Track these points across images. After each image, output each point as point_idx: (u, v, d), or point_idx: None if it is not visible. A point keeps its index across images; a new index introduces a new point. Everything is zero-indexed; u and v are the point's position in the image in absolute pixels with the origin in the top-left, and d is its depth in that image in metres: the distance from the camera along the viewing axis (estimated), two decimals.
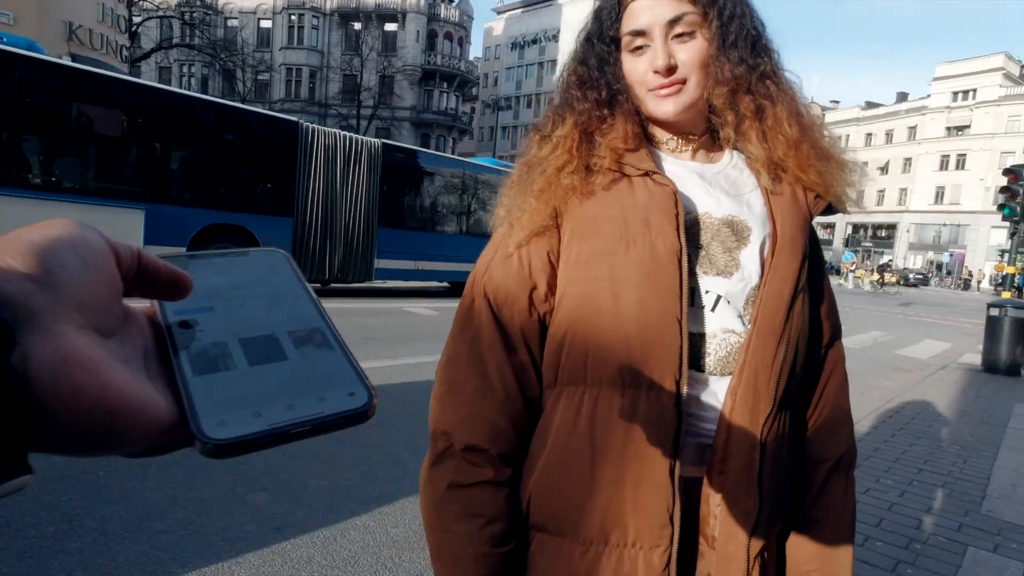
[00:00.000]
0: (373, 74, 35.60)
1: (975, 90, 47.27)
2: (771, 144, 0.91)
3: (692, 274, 0.88)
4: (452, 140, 38.90)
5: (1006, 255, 10.59)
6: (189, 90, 35.86)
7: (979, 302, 17.03)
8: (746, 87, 0.89)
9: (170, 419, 0.27)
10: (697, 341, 0.88)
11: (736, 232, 0.90)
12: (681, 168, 0.94)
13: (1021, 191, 9.32)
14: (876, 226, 52.99)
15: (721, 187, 0.93)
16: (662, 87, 0.89)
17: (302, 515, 2.90)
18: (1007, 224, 10.10)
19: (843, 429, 1.02)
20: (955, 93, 48.54)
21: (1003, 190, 9.58)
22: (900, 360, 9.16)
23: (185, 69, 36.26)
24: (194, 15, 32.42)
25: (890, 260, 44.67)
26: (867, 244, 52.13)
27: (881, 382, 7.22)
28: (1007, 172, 9.73)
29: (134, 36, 23.09)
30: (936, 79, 49.88)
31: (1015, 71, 48.00)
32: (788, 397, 0.91)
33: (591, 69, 0.94)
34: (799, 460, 0.98)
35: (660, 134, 0.97)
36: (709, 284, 0.89)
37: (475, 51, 58.40)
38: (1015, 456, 4.72)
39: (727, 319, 0.89)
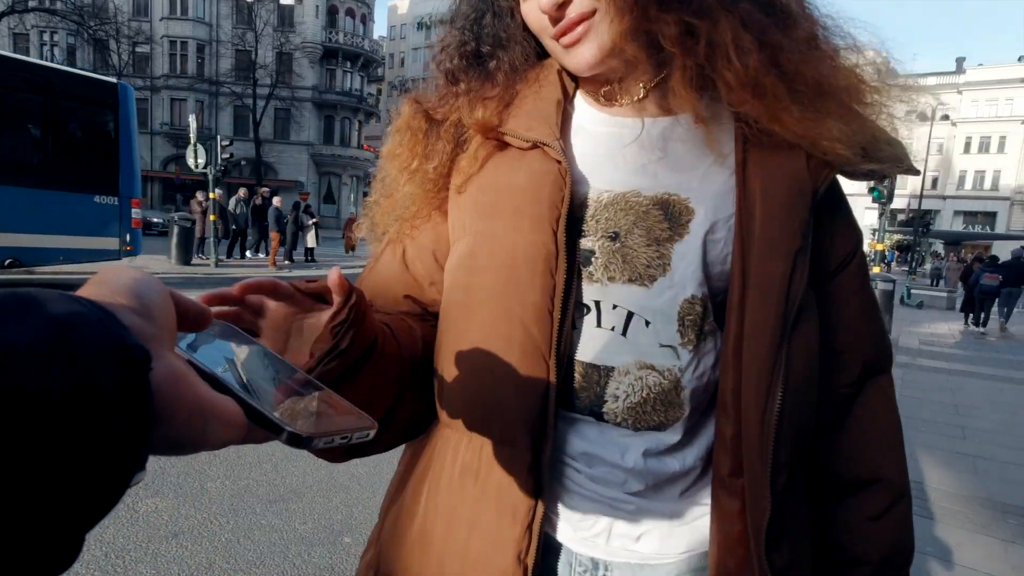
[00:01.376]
0: (269, 51, 33.47)
1: None
2: (723, 86, 0.61)
3: (587, 281, 0.64)
4: (358, 122, 37.56)
5: (876, 233, 11.75)
6: (52, 61, 32.11)
7: None
8: (658, 2, 0.58)
9: (244, 421, 0.33)
10: (599, 378, 0.64)
11: (671, 216, 0.63)
12: (610, 128, 0.68)
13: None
14: None
15: (668, 152, 0.65)
16: (562, 33, 0.63)
17: (200, 519, 2.73)
18: (877, 206, 11.15)
19: (893, 516, 0.69)
20: None
21: None
22: None
23: (46, 37, 32.45)
24: None
25: None
26: None
27: None
28: None
29: None
30: None
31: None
32: (795, 482, 0.64)
33: (459, 30, 0.72)
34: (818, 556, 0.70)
35: (591, 83, 0.70)
36: (618, 295, 0.63)
37: (379, 30, 56.63)
38: None
39: (644, 348, 0.63)
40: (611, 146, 0.67)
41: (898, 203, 37.65)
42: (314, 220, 15.20)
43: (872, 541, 0.69)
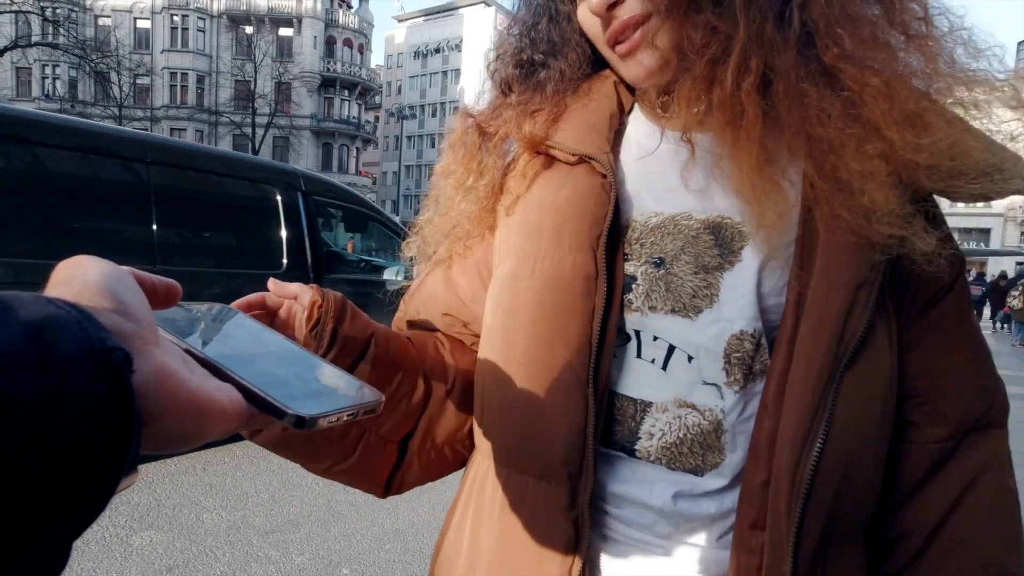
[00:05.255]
0: (268, 81, 33.93)
1: None
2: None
3: (626, 309, 0.59)
4: (356, 149, 37.91)
5: None
6: (54, 93, 32.27)
7: None
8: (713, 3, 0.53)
9: (245, 408, 0.32)
10: (635, 412, 0.59)
11: (722, 242, 0.57)
12: (670, 143, 0.62)
13: None
14: None
15: (726, 170, 0.57)
16: (615, 38, 0.59)
17: (195, 552, 2.68)
18: None
19: None
20: None
21: None
22: None
23: (48, 70, 32.89)
24: (56, 11, 29.50)
25: None
26: None
27: None
28: None
29: None
30: None
31: None
32: (833, 547, 0.55)
33: (518, 37, 0.70)
34: None
35: (649, 93, 0.65)
36: (660, 326, 0.58)
37: (376, 59, 57.47)
38: None
39: (686, 385, 0.58)
40: (667, 163, 0.61)
41: None
42: None
43: None
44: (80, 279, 0.29)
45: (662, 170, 0.62)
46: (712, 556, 0.58)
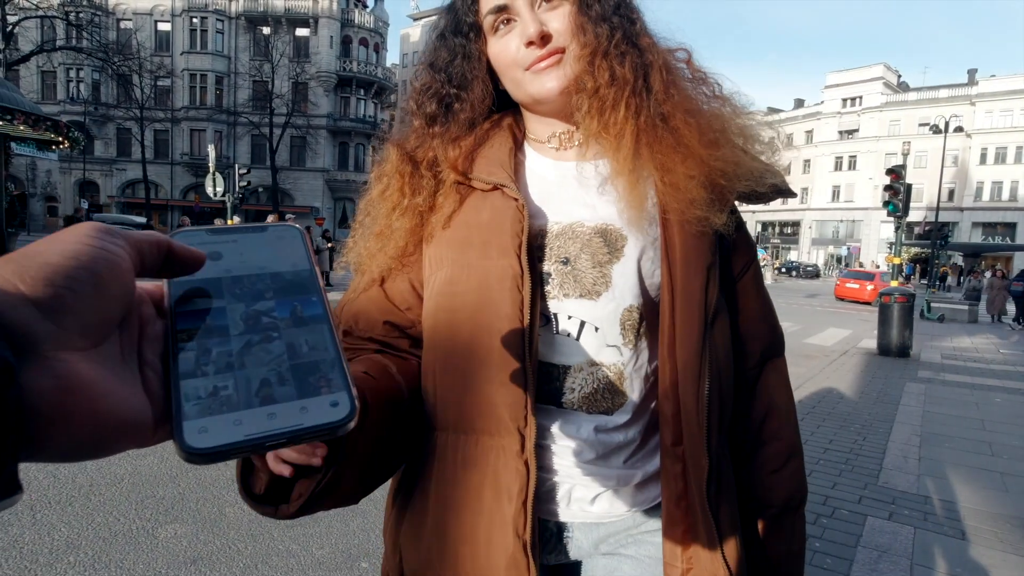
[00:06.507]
0: (285, 81, 34.21)
1: (861, 97, 51.45)
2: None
3: (546, 298, 0.79)
4: (372, 148, 38.08)
5: (893, 247, 11.60)
6: (78, 96, 32.85)
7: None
8: (604, 51, 0.77)
9: (154, 423, 0.29)
10: (558, 374, 0.79)
11: (609, 243, 0.79)
12: (556, 171, 0.85)
13: (902, 189, 10.20)
14: (782, 223, 56.57)
15: (599, 188, 0.82)
16: (540, 59, 0.78)
17: (219, 545, 2.74)
18: (892, 219, 11.01)
19: (789, 469, 0.90)
20: (844, 100, 52.65)
21: (887, 188, 10.44)
22: (807, 348, 9.80)
23: (72, 73, 33.50)
24: (80, 15, 30.01)
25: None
26: (775, 241, 55.52)
27: (791, 369, 7.69)
28: (890, 172, 10.62)
29: (9, 37, 21.15)
30: (827, 87, 53.93)
31: (893, 80, 52.75)
32: (722, 445, 0.82)
33: (437, 72, 0.85)
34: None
35: (542, 131, 0.86)
36: (572, 308, 0.79)
37: (392, 57, 57.64)
38: (906, 430, 5.15)
39: (594, 349, 0.78)
40: (557, 185, 0.83)
41: (914, 215, 37.20)
42: (330, 244, 15.39)
43: (775, 490, 0.89)
44: (39, 256, 0.26)
45: (555, 190, 0.83)
46: (621, 474, 0.81)
